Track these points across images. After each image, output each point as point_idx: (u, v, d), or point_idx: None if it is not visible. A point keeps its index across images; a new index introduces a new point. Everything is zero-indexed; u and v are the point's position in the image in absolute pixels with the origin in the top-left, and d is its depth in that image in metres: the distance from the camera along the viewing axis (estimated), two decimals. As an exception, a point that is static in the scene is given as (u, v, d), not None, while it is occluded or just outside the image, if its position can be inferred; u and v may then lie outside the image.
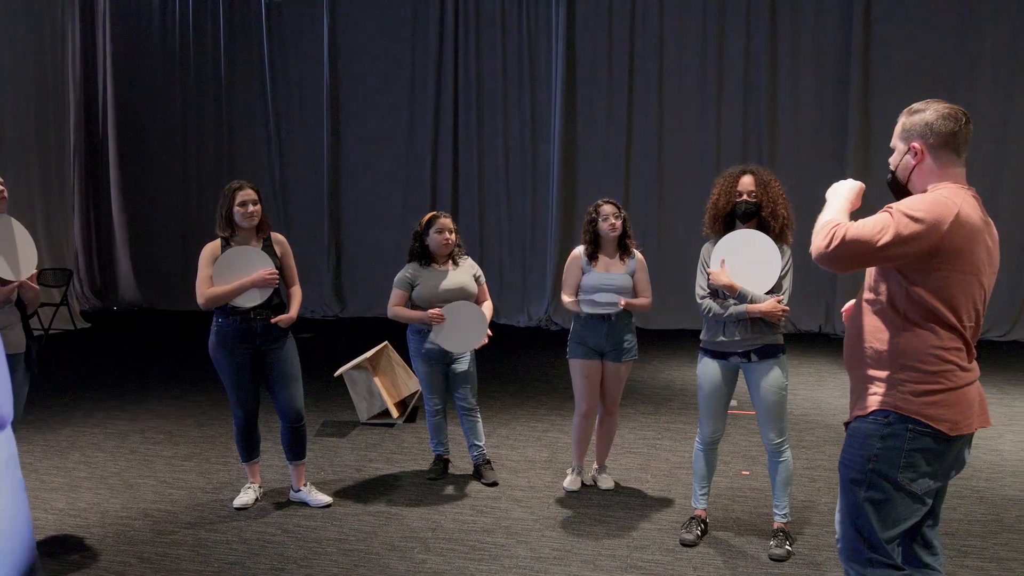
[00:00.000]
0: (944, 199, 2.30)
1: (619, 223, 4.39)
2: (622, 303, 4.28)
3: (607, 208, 4.40)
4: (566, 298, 4.47)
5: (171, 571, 3.69)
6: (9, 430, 2.37)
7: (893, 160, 2.49)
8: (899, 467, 2.36)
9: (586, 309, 4.32)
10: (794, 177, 9.42)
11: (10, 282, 3.50)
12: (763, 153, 9.60)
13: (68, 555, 3.85)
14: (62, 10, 10.85)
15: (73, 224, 11.40)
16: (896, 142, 2.48)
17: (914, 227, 2.24)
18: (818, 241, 2.30)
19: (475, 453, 4.83)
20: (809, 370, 7.65)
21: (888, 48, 9.27)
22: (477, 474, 4.81)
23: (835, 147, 9.44)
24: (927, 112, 2.40)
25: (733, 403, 5.80)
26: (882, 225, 2.25)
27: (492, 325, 4.67)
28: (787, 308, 3.75)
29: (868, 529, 2.40)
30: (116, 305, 11.90)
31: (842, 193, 2.48)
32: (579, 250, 4.49)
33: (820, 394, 6.80)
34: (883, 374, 2.39)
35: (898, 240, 2.24)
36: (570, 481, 4.65)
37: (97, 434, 5.78)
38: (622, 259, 4.46)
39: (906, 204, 2.30)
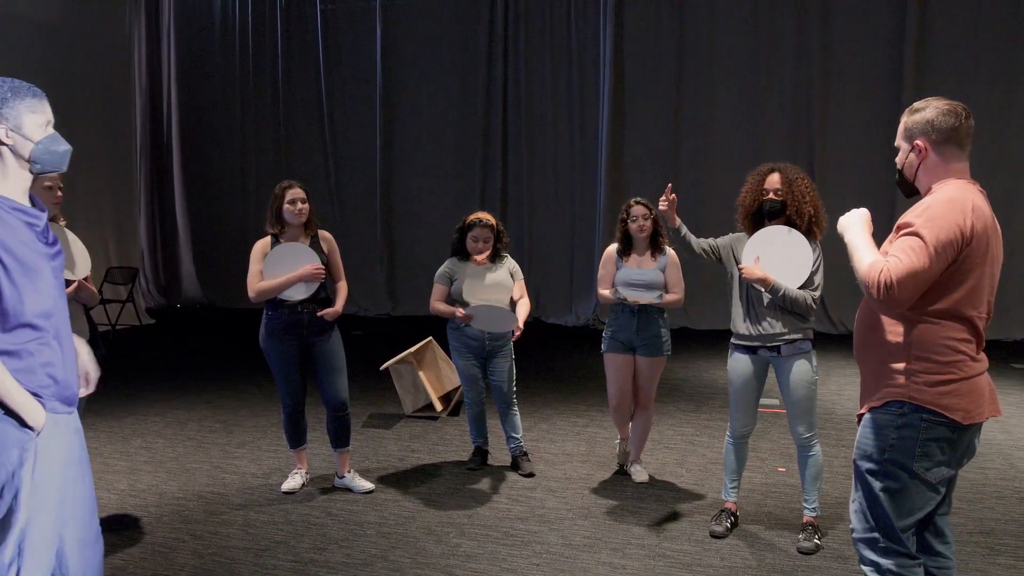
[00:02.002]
0: (954, 198, 2.36)
1: (648, 224, 4.51)
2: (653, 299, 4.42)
3: (637, 209, 4.52)
4: (599, 290, 4.63)
5: (221, 548, 3.91)
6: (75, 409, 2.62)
7: (899, 159, 2.56)
8: (914, 456, 2.41)
9: (621, 291, 4.47)
10: (842, 179, 9.39)
11: (71, 283, 3.74)
12: (814, 154, 9.55)
13: (128, 531, 4.10)
14: (129, 22, 11.38)
15: (139, 225, 11.91)
16: (900, 142, 2.55)
17: (943, 237, 2.29)
18: (872, 292, 2.32)
19: (512, 445, 4.97)
20: (856, 370, 7.59)
21: (940, 50, 9.12)
22: (514, 465, 4.95)
23: (884, 149, 9.31)
24: (927, 110, 2.47)
25: (775, 402, 5.89)
26: (916, 250, 2.29)
27: (538, 324, 4.81)
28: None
29: (884, 518, 2.46)
30: (179, 302, 12.36)
31: (855, 226, 2.52)
32: (612, 248, 4.63)
33: (865, 395, 6.75)
34: (896, 366, 2.44)
35: (936, 256, 2.29)
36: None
37: (158, 422, 6.09)
38: (653, 256, 4.57)
39: (925, 217, 2.33)
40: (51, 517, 2.44)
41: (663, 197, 3.93)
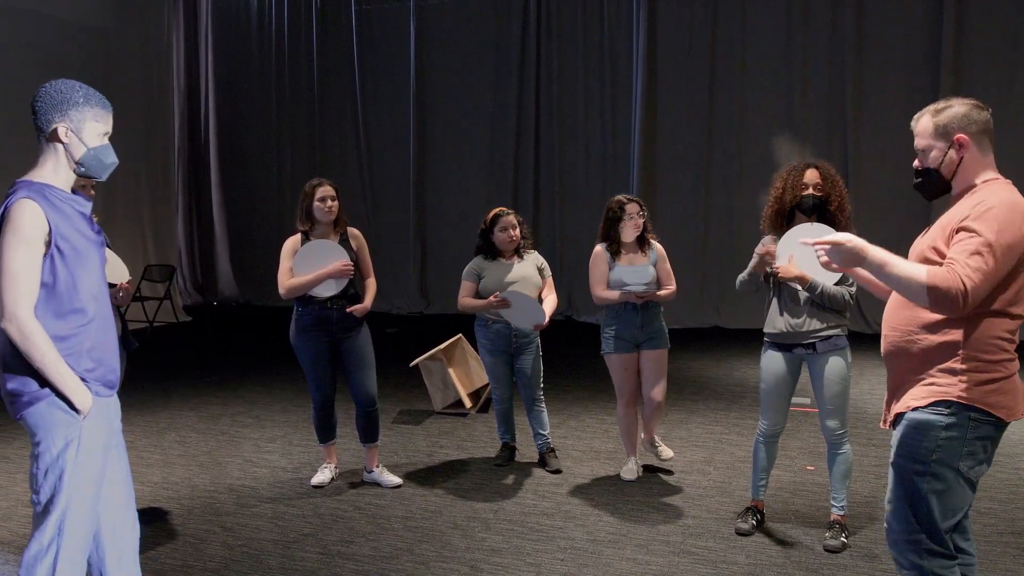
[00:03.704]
0: (1013, 201, 2.33)
1: (642, 222, 4.54)
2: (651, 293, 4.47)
3: (633, 207, 4.54)
4: (600, 292, 4.56)
5: (251, 539, 3.98)
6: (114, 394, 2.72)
7: (933, 159, 2.46)
8: (961, 456, 2.37)
9: (626, 290, 4.44)
10: (877, 178, 9.25)
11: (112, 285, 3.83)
12: (848, 151, 9.43)
13: (160, 522, 4.19)
14: (168, 24, 11.58)
15: (177, 224, 12.13)
16: (930, 142, 2.46)
17: (1008, 240, 2.26)
18: (950, 301, 2.23)
19: (540, 441, 4.98)
20: (891, 371, 7.48)
21: (978, 46, 8.95)
22: (542, 462, 4.96)
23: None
24: (956, 106, 2.43)
25: (807, 401, 5.83)
26: (985, 254, 2.24)
27: (569, 322, 4.80)
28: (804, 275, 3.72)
29: (929, 520, 2.40)
30: (215, 300, 12.55)
31: (868, 246, 2.39)
32: (600, 247, 4.62)
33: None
34: (941, 365, 2.39)
35: (1002, 260, 2.26)
36: (627, 470, 4.75)
37: (192, 417, 6.20)
38: (643, 251, 4.57)
39: (989, 220, 2.28)
40: (91, 500, 2.52)
41: (765, 250, 3.82)
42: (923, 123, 2.48)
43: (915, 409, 2.44)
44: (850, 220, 3.83)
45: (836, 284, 3.74)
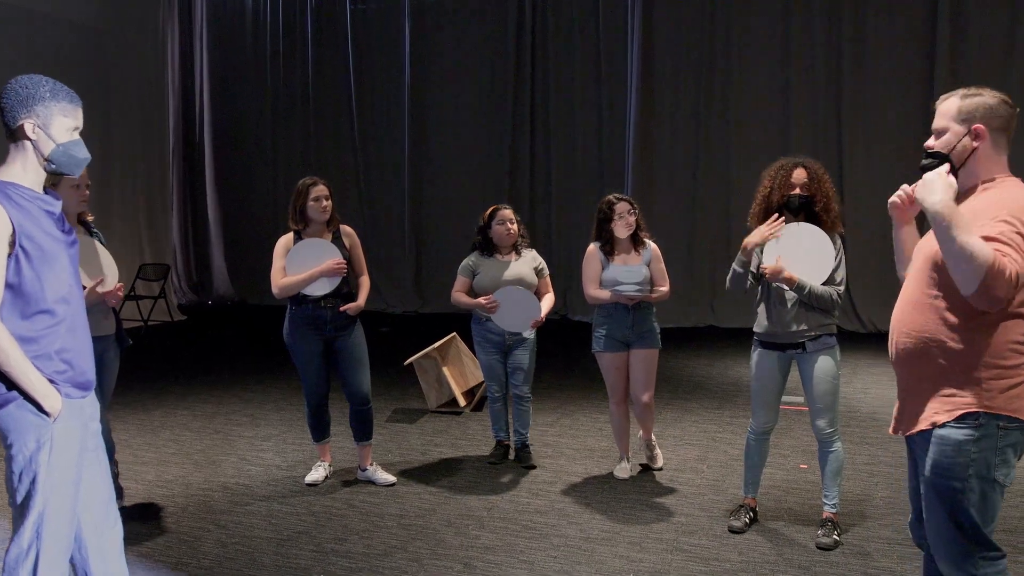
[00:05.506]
0: (1022, 196, 2.31)
1: (633, 219, 4.52)
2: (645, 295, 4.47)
3: (623, 206, 4.53)
4: (592, 291, 4.58)
5: (245, 537, 3.99)
6: (93, 393, 2.70)
7: (946, 142, 2.40)
8: (994, 465, 2.36)
9: (618, 291, 4.45)
10: (873, 175, 9.28)
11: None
12: (843, 148, 9.46)
13: (154, 520, 4.19)
14: (163, 23, 11.57)
15: (172, 222, 12.11)
16: (949, 123, 2.40)
17: None
18: (1001, 287, 2.14)
19: (516, 437, 5.02)
20: (885, 369, 7.52)
21: (975, 39, 8.98)
22: (516, 457, 4.99)
23: (915, 142, 9.19)
24: (985, 96, 2.38)
25: (800, 399, 5.85)
26: (1022, 248, 2.20)
27: (564, 321, 4.80)
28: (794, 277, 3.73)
29: (975, 531, 2.38)
30: (210, 299, 12.54)
31: (947, 197, 2.22)
32: (594, 246, 4.63)
33: (892, 392, 6.68)
34: (961, 374, 2.35)
35: None
36: (620, 469, 4.77)
37: (186, 415, 6.20)
38: (637, 251, 4.58)
39: (1014, 215, 2.23)
40: (68, 501, 2.50)
41: (769, 225, 3.75)
42: (949, 103, 2.43)
43: (943, 425, 2.40)
44: (836, 220, 3.85)
45: (823, 284, 3.76)
